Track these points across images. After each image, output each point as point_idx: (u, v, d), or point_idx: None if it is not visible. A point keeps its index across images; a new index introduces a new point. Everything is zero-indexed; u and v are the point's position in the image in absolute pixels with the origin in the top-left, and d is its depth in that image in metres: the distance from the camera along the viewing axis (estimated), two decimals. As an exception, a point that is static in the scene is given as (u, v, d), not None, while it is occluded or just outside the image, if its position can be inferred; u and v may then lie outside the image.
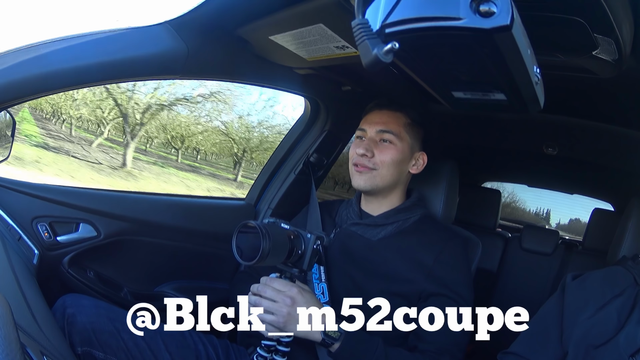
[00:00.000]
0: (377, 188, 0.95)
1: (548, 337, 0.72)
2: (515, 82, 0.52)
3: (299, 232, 0.79)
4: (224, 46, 0.87)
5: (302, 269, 0.78)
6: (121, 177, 6.23)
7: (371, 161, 0.93)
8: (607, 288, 0.71)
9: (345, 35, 0.74)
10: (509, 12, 0.38)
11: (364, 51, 0.42)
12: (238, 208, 1.33)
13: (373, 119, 0.97)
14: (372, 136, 0.95)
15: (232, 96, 6.89)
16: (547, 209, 4.35)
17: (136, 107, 6.56)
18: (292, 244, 0.76)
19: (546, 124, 1.28)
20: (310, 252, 0.78)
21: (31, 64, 0.69)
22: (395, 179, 0.96)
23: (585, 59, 0.65)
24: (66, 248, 0.92)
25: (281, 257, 0.75)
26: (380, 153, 0.94)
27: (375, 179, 0.94)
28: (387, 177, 0.94)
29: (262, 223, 0.72)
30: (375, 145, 0.94)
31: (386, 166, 0.93)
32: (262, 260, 0.70)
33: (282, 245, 0.74)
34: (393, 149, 0.94)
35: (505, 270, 1.90)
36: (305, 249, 0.78)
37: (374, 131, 0.95)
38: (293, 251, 0.76)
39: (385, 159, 0.93)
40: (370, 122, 0.97)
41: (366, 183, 0.94)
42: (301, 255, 0.78)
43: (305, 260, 0.78)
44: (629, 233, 1.04)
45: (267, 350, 0.82)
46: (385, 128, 0.95)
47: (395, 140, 0.94)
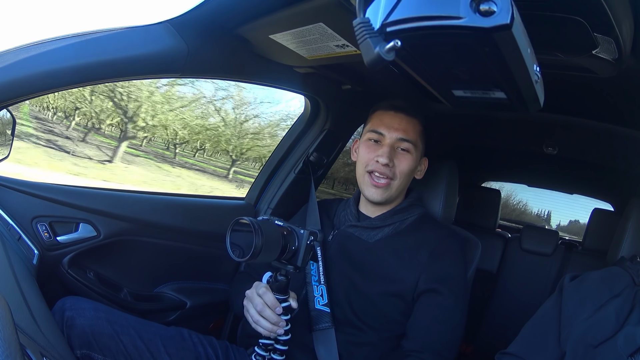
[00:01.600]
0: (391, 199, 0.94)
1: (546, 338, 0.72)
2: (515, 80, 0.52)
3: (293, 229, 0.78)
4: (224, 45, 0.87)
5: (297, 266, 0.78)
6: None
7: (391, 170, 0.91)
8: (605, 288, 0.71)
9: (346, 34, 0.74)
10: (509, 11, 0.38)
11: (366, 49, 0.42)
12: (238, 208, 1.33)
13: (392, 124, 0.93)
14: (391, 143, 0.92)
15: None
16: (547, 211, 4.35)
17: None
18: (285, 240, 0.75)
19: (546, 124, 1.29)
20: (304, 248, 0.77)
21: (32, 62, 0.69)
22: (405, 188, 0.96)
23: (585, 58, 0.65)
24: (66, 248, 0.92)
25: (274, 254, 0.75)
26: (400, 163, 0.91)
27: (391, 191, 0.92)
28: (401, 187, 0.94)
29: (255, 220, 0.72)
30: (394, 153, 0.92)
31: (403, 177, 0.92)
32: (255, 257, 0.70)
33: (275, 241, 0.73)
34: (410, 159, 0.92)
35: (505, 271, 1.90)
36: (299, 245, 0.77)
37: (394, 138, 0.92)
38: (286, 247, 0.76)
39: (403, 169, 0.91)
40: (389, 127, 0.92)
41: (383, 196, 0.92)
42: (295, 251, 0.77)
43: (299, 257, 0.77)
44: (628, 233, 1.04)
45: (265, 349, 0.82)
46: (406, 137, 0.92)
47: (413, 150, 0.93)
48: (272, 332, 0.79)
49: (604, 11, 0.51)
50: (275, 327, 0.78)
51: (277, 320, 0.78)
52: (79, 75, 0.74)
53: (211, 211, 1.23)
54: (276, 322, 0.78)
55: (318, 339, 0.88)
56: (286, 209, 1.27)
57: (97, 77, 0.76)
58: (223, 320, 1.27)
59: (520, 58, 0.45)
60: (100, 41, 0.74)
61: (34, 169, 5.90)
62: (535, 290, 1.80)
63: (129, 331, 0.84)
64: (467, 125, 1.48)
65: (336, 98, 1.24)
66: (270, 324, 0.78)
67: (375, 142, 0.94)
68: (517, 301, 1.82)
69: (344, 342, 0.87)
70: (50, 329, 0.57)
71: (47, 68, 0.70)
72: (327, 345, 0.87)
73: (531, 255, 1.89)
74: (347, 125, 1.33)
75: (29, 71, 0.69)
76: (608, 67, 0.67)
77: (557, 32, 0.59)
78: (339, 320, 0.89)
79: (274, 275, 0.80)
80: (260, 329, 0.79)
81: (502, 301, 1.88)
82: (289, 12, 0.71)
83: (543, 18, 0.55)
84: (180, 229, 1.13)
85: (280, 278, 0.79)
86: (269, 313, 0.77)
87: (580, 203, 2.57)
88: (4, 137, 0.81)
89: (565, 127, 1.25)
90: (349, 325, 0.89)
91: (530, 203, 4.48)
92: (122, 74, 0.79)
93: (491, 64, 0.49)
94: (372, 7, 0.43)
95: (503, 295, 1.88)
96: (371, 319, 0.88)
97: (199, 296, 1.18)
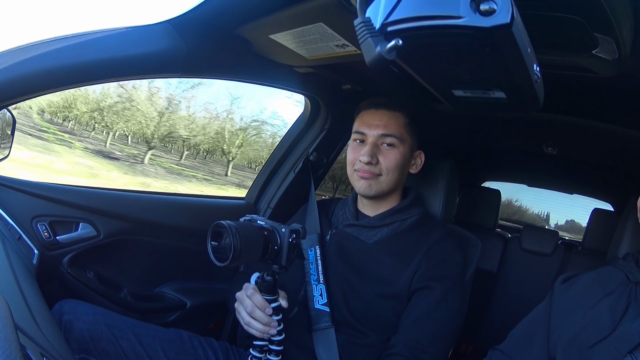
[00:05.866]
0: (382, 193, 0.94)
1: (533, 339, 0.73)
2: (515, 80, 0.52)
3: (274, 227, 0.77)
4: (224, 45, 0.87)
5: (282, 265, 0.77)
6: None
7: (377, 167, 0.91)
8: (597, 288, 0.71)
9: (346, 34, 0.74)
10: (509, 10, 0.38)
11: (367, 49, 0.42)
12: (238, 207, 1.33)
13: (372, 121, 0.93)
14: (373, 141, 0.92)
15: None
16: (547, 212, 4.36)
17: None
18: (266, 239, 0.75)
19: (546, 124, 1.28)
20: (287, 246, 0.76)
21: (32, 62, 0.69)
22: (398, 182, 0.95)
23: (585, 58, 0.65)
24: (66, 248, 0.92)
25: (257, 254, 0.74)
26: (385, 159, 0.91)
27: (381, 185, 0.92)
28: (392, 182, 0.93)
29: (233, 222, 0.71)
30: (378, 150, 0.91)
31: (391, 172, 0.92)
32: (237, 260, 0.69)
33: (255, 242, 0.72)
34: (397, 153, 0.92)
35: (504, 271, 1.90)
36: (281, 244, 0.76)
37: (375, 135, 0.92)
38: (268, 247, 0.75)
39: (390, 164, 0.91)
40: (369, 125, 0.93)
41: (371, 189, 0.92)
42: (278, 250, 0.76)
43: (283, 256, 0.76)
44: (628, 233, 1.03)
45: (260, 350, 0.82)
46: (387, 132, 0.91)
47: (398, 144, 0.92)
48: (265, 333, 0.78)
49: (604, 11, 0.51)
50: (267, 327, 0.77)
51: (268, 320, 0.77)
52: (79, 75, 0.74)
53: (211, 211, 1.23)
54: (267, 322, 0.77)
55: (318, 338, 0.88)
56: (286, 208, 1.27)
57: (97, 77, 0.76)
58: (223, 320, 1.28)
59: (520, 58, 0.45)
60: (100, 41, 0.74)
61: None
62: (535, 290, 1.80)
63: (128, 335, 0.83)
64: (467, 125, 1.48)
65: (336, 98, 1.24)
66: (262, 325, 0.77)
67: (360, 142, 0.95)
68: (517, 301, 1.82)
69: (343, 343, 0.87)
70: (50, 329, 0.57)
71: (47, 68, 0.70)
72: (327, 345, 0.87)
73: (531, 255, 1.89)
74: (347, 125, 1.33)
75: (29, 71, 0.69)
76: (608, 67, 0.67)
77: (557, 32, 0.59)
78: (337, 321, 0.89)
79: (262, 275, 0.79)
80: (252, 330, 0.78)
81: (502, 301, 1.88)
82: (289, 12, 0.71)
83: (543, 18, 0.55)
84: (180, 228, 1.13)
85: (267, 278, 0.78)
86: (259, 314, 0.77)
87: (580, 203, 2.57)
88: (4, 137, 0.81)
89: (565, 127, 1.25)
90: (347, 326, 0.89)
91: (531, 203, 4.49)
92: (121, 73, 0.79)
93: (491, 64, 0.49)
94: (373, 6, 0.43)
95: (503, 295, 1.88)
96: (369, 320, 0.88)
97: (199, 296, 1.18)
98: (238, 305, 0.81)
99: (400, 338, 0.83)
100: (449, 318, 0.85)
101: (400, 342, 0.83)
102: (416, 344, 0.81)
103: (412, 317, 0.85)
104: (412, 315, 0.85)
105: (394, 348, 0.82)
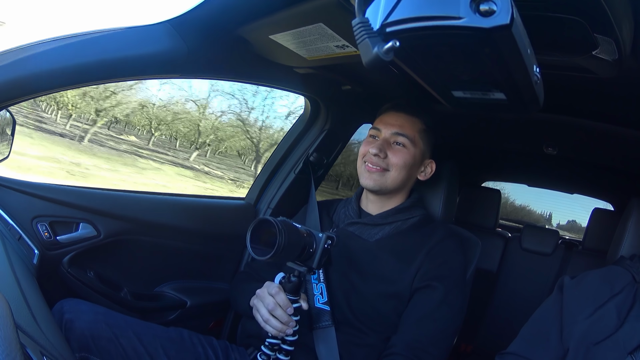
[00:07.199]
0: (386, 189, 0.95)
1: (549, 337, 0.72)
2: (515, 81, 0.52)
3: (311, 231, 0.80)
4: (224, 45, 0.87)
5: (311, 267, 0.79)
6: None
7: (384, 162, 0.93)
8: (605, 287, 0.71)
9: (345, 35, 0.74)
10: (509, 11, 0.38)
11: (365, 50, 0.42)
12: (238, 208, 1.33)
13: (389, 120, 0.96)
14: (386, 137, 0.95)
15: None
16: (548, 212, 4.36)
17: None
18: (304, 241, 0.77)
19: (546, 124, 1.28)
20: (321, 251, 0.78)
21: (32, 62, 0.69)
22: (404, 183, 0.96)
23: (585, 58, 0.65)
24: (66, 248, 0.92)
25: (294, 254, 0.76)
26: (393, 155, 0.93)
27: (385, 180, 0.94)
28: (397, 179, 0.94)
29: (278, 219, 0.73)
30: (388, 146, 0.94)
31: (398, 169, 0.93)
32: (277, 256, 0.71)
33: (296, 242, 0.75)
34: (406, 153, 0.94)
35: (505, 270, 1.90)
36: (317, 248, 0.79)
37: (389, 132, 0.95)
38: (305, 249, 0.77)
39: (397, 161, 0.93)
40: (386, 123, 0.96)
41: (376, 183, 0.93)
42: (312, 253, 0.79)
43: (316, 259, 0.79)
44: (628, 233, 1.03)
45: (271, 348, 0.83)
46: (401, 131, 0.94)
47: (409, 145, 0.94)
48: (281, 332, 0.80)
49: (603, 11, 0.51)
50: (285, 327, 0.79)
51: (287, 320, 0.79)
52: (79, 75, 0.74)
53: (211, 211, 1.24)
54: (286, 322, 0.79)
55: (318, 337, 0.88)
56: (286, 209, 1.27)
57: (97, 77, 0.76)
58: (223, 319, 1.28)
59: (520, 58, 0.45)
60: (100, 41, 0.74)
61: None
62: (535, 289, 1.81)
63: (128, 334, 0.84)
64: (467, 125, 1.48)
65: (336, 98, 1.24)
66: (281, 323, 0.79)
67: (373, 138, 0.97)
68: (517, 300, 1.83)
69: (344, 342, 0.87)
70: (51, 328, 0.57)
71: (47, 68, 0.70)
72: (327, 343, 0.87)
73: (531, 255, 1.89)
74: (347, 125, 1.34)
75: (29, 71, 0.69)
76: (608, 67, 0.67)
77: (557, 32, 0.59)
78: (338, 321, 0.89)
79: (287, 276, 0.81)
80: (269, 327, 0.80)
81: (502, 300, 1.88)
82: (289, 12, 0.71)
83: (543, 18, 0.55)
84: (180, 228, 1.13)
85: (293, 279, 0.80)
86: (280, 313, 0.79)
87: (580, 203, 2.57)
88: (4, 137, 0.81)
89: (565, 127, 1.25)
90: (348, 325, 0.89)
91: (531, 204, 4.49)
92: (121, 74, 0.79)
93: (491, 65, 0.49)
94: (372, 7, 0.43)
95: (503, 295, 1.88)
96: (370, 319, 0.88)
97: (199, 295, 1.18)
98: (257, 302, 0.82)
99: (401, 338, 0.84)
100: (450, 318, 0.86)
101: (401, 342, 0.83)
102: (417, 344, 0.82)
103: (414, 317, 0.85)
104: (413, 315, 0.85)
105: (395, 347, 0.82)
